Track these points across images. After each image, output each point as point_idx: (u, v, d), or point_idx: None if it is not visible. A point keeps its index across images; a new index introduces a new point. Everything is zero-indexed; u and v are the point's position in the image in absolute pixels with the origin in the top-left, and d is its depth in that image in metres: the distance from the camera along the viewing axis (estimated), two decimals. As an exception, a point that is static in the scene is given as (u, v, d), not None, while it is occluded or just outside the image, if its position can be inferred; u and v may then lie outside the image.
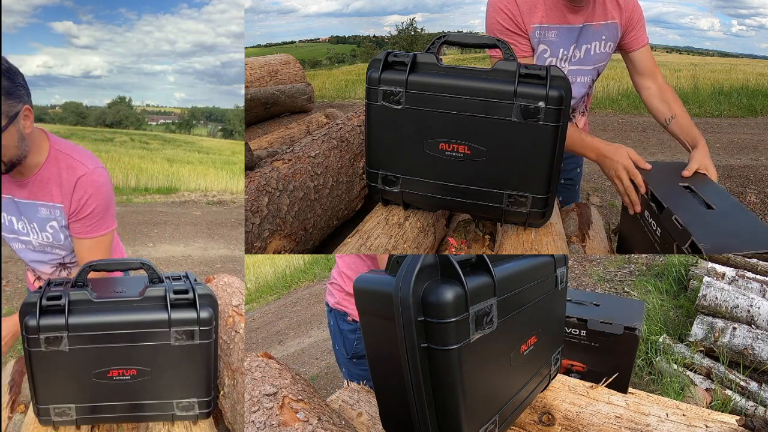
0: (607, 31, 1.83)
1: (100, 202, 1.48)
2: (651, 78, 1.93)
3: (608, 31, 1.83)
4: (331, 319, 1.81)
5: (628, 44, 1.90)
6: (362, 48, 34.64)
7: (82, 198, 1.45)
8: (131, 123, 37.45)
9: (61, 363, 1.10)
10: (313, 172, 1.51)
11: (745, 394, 2.59)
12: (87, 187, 1.45)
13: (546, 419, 1.14)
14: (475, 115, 1.25)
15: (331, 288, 1.80)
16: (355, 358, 1.72)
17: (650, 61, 1.93)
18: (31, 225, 1.54)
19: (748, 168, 5.83)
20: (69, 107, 40.18)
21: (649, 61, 1.92)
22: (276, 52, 3.88)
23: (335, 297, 1.76)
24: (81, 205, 1.46)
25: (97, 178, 1.46)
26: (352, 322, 1.71)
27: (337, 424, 1.08)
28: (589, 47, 1.83)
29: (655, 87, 1.92)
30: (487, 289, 0.82)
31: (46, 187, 1.47)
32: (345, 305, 1.73)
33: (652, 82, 1.93)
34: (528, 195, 1.30)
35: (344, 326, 1.73)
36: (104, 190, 1.48)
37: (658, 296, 3.55)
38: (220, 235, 7.04)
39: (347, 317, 1.72)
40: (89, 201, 1.46)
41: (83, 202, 1.46)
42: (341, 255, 1.64)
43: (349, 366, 1.75)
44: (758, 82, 11.00)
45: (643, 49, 1.91)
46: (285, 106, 3.01)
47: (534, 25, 1.72)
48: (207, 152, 17.24)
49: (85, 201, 1.46)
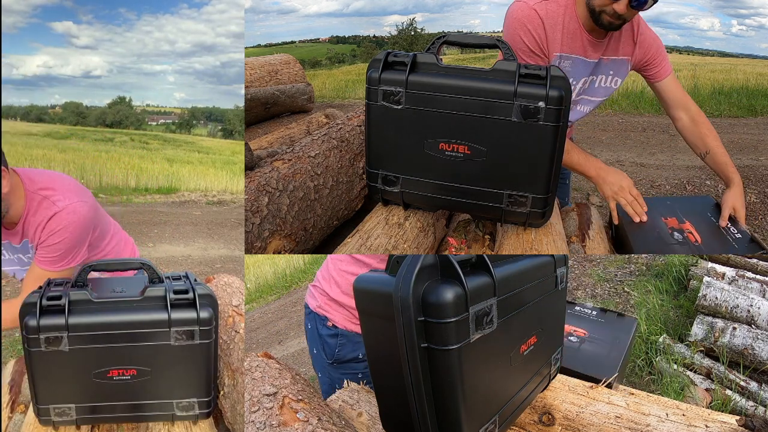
0: (615, 67, 1.83)
1: (68, 237, 1.45)
2: (683, 109, 1.91)
3: (617, 67, 1.83)
4: (309, 322, 1.76)
5: (653, 76, 1.90)
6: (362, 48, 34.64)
7: (53, 230, 1.43)
8: (131, 123, 37.45)
9: (61, 363, 1.10)
10: (313, 172, 1.51)
11: (745, 394, 2.59)
12: (60, 221, 1.43)
13: (546, 419, 1.14)
14: (475, 115, 1.25)
15: (313, 290, 1.76)
16: (336, 363, 1.69)
17: (679, 92, 1.91)
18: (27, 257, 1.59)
19: (748, 168, 5.82)
20: (69, 107, 40.20)
21: (677, 91, 1.91)
22: (276, 52, 3.88)
23: (317, 300, 1.73)
24: (49, 235, 1.44)
25: (70, 215, 1.44)
26: (332, 327, 1.67)
27: (337, 424, 1.08)
28: (596, 79, 1.84)
29: (687, 118, 1.90)
30: (487, 289, 0.82)
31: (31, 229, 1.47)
32: (326, 310, 1.68)
33: (683, 112, 1.91)
34: (528, 195, 1.30)
35: (323, 331, 1.69)
36: (76, 226, 1.45)
37: (658, 296, 3.55)
38: (220, 235, 7.04)
39: (327, 322, 1.67)
40: (58, 233, 1.44)
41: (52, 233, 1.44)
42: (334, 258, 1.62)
43: (329, 371, 1.70)
44: (758, 82, 11.00)
45: (667, 80, 1.89)
46: (285, 106, 3.01)
47: (556, 54, 1.71)
48: (207, 152, 17.24)
49: (53, 232, 1.44)
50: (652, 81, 1.91)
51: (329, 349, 1.69)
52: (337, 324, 1.65)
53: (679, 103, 1.91)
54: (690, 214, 1.77)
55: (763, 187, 5.23)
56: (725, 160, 1.84)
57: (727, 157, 1.85)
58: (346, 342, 1.65)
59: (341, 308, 1.65)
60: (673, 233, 1.68)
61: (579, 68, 1.77)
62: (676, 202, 1.86)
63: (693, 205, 1.84)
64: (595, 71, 1.81)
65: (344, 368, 1.68)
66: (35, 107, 41.96)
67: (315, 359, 1.78)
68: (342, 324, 1.65)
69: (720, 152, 1.85)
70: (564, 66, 1.74)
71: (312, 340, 1.77)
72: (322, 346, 1.71)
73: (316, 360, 1.77)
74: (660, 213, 1.78)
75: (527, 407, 1.12)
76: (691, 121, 1.89)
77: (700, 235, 1.67)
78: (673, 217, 1.76)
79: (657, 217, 1.77)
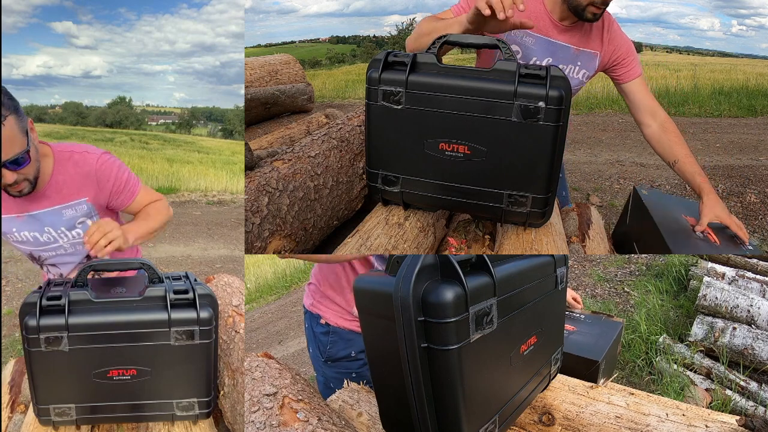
0: (584, 58, 1.78)
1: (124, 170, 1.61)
2: (650, 114, 1.83)
3: (585, 59, 1.78)
4: (306, 321, 1.78)
5: (620, 77, 1.84)
6: (362, 48, 34.64)
7: (110, 177, 1.56)
8: (131, 123, 37.44)
9: (61, 363, 1.10)
10: (313, 172, 1.51)
11: (745, 394, 2.59)
12: (106, 166, 1.55)
13: (546, 419, 1.14)
14: (475, 115, 1.25)
15: (308, 289, 1.78)
16: (330, 361, 1.70)
17: (647, 96, 1.84)
18: (59, 231, 1.58)
19: (748, 168, 5.82)
20: (69, 107, 40.21)
21: (645, 96, 1.84)
22: (276, 52, 3.88)
23: (311, 299, 1.74)
24: (113, 182, 1.57)
25: (108, 157, 1.58)
26: (324, 324, 1.68)
27: (337, 424, 1.08)
28: (564, 68, 1.77)
29: (656, 125, 1.83)
30: (487, 289, 0.82)
31: (64, 189, 1.53)
32: (319, 308, 1.69)
33: (651, 118, 1.83)
34: (528, 195, 1.30)
35: (317, 329, 1.70)
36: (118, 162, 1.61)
37: (658, 296, 3.55)
38: (220, 235, 7.03)
39: (320, 320, 1.68)
40: (118, 174, 1.58)
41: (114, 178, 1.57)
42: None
43: (324, 369, 1.71)
44: (758, 82, 11.00)
45: (635, 81, 1.83)
46: (285, 106, 3.01)
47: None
48: (207, 152, 17.23)
49: (115, 177, 1.57)
50: (619, 82, 1.85)
51: (322, 347, 1.70)
52: (329, 321, 1.66)
53: (646, 107, 1.83)
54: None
55: (763, 187, 5.22)
56: (694, 169, 1.76)
57: (696, 165, 1.77)
58: (338, 339, 1.66)
59: (332, 304, 1.66)
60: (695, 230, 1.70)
61: (542, 46, 1.72)
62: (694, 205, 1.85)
63: None
64: (563, 58, 1.76)
65: (338, 367, 1.68)
66: (35, 107, 41.94)
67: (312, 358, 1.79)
68: (333, 321, 1.66)
69: (689, 161, 1.77)
70: (526, 41, 1.71)
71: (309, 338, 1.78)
72: (317, 344, 1.72)
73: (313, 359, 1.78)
74: (682, 211, 1.81)
75: (527, 407, 1.13)
76: (660, 128, 1.82)
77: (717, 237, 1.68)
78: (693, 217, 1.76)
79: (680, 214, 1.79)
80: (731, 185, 5.31)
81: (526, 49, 1.73)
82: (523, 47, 1.73)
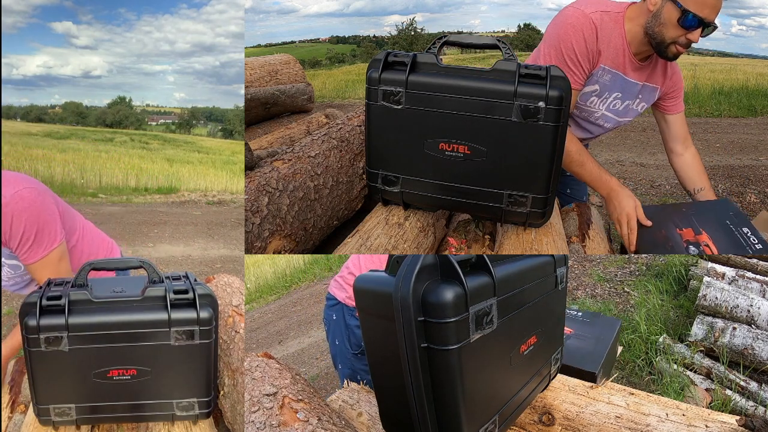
0: (646, 92, 1.86)
1: (26, 225, 1.41)
2: (683, 144, 1.97)
3: (647, 93, 1.86)
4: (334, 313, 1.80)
5: (667, 108, 1.94)
6: (362, 48, 34.63)
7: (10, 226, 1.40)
8: (131, 123, 37.47)
9: (61, 363, 1.10)
10: (313, 172, 1.51)
11: (745, 394, 2.59)
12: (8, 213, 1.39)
13: (546, 419, 1.14)
14: (475, 115, 1.25)
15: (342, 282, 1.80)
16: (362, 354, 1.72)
17: (685, 128, 1.97)
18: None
19: (748, 168, 5.83)
20: (69, 107, 40.23)
21: (684, 127, 1.97)
22: (276, 52, 3.88)
23: (347, 291, 1.76)
24: (10, 233, 1.41)
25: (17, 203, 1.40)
26: None
27: (337, 424, 1.08)
28: (630, 103, 1.87)
29: (688, 155, 1.97)
30: (487, 289, 0.82)
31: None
32: None
33: (684, 149, 1.97)
34: (528, 195, 1.30)
35: (351, 321, 1.73)
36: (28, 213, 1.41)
37: (658, 296, 3.54)
38: (220, 235, 7.03)
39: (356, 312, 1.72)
40: (14, 227, 1.40)
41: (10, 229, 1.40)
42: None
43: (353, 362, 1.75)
44: (758, 82, 11.00)
45: (679, 115, 1.95)
46: (285, 106, 3.01)
47: (602, 65, 1.72)
48: (207, 152, 17.24)
49: (10, 229, 1.40)
50: (665, 113, 1.95)
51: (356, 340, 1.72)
52: None
53: (684, 138, 1.96)
54: (707, 222, 1.69)
55: (763, 187, 5.22)
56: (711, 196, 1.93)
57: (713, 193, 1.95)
58: None
59: None
60: (688, 247, 1.61)
61: (617, 84, 1.79)
62: (692, 208, 1.78)
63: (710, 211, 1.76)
64: (631, 93, 1.84)
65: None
66: (35, 107, 42.02)
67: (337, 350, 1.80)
68: None
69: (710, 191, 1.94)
70: (604, 79, 1.76)
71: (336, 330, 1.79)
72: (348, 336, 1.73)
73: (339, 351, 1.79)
74: (675, 224, 1.70)
75: (527, 407, 1.12)
76: (691, 157, 1.96)
77: (716, 246, 1.60)
78: (689, 227, 1.67)
79: (672, 229, 1.68)
80: (731, 185, 5.31)
81: (603, 87, 1.80)
82: (601, 86, 1.80)
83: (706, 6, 1.53)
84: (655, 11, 1.60)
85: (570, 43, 1.64)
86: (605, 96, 1.82)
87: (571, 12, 1.65)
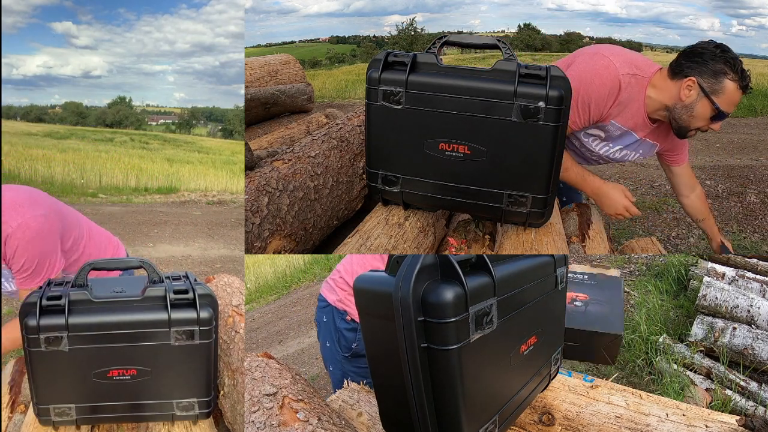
0: (645, 147, 1.92)
1: (28, 256, 1.44)
2: (690, 189, 2.11)
3: (646, 147, 1.92)
4: (324, 315, 1.79)
5: (671, 161, 2.04)
6: (362, 48, 34.61)
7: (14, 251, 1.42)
8: (131, 123, 37.46)
9: (61, 363, 1.10)
10: (313, 172, 1.51)
11: (745, 394, 2.59)
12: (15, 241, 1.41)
13: (546, 419, 1.14)
14: (475, 115, 1.25)
15: (332, 284, 1.79)
16: (352, 357, 1.73)
17: (690, 177, 2.10)
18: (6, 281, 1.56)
19: (748, 168, 5.82)
20: (69, 107, 40.22)
21: (689, 177, 2.09)
22: (276, 52, 3.89)
23: (337, 294, 1.76)
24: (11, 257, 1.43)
25: (25, 232, 1.42)
26: (350, 321, 1.71)
27: (337, 424, 1.08)
28: (628, 153, 1.94)
29: (694, 196, 2.11)
30: (487, 289, 0.82)
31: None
32: (347, 304, 1.73)
33: (690, 192, 2.11)
34: (528, 195, 1.30)
35: (341, 324, 1.73)
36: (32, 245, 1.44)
37: (658, 296, 3.54)
38: (220, 235, 7.03)
39: (346, 316, 1.72)
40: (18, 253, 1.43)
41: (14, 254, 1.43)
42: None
43: (343, 364, 1.74)
44: (758, 82, 10.98)
45: (684, 166, 2.06)
46: (285, 106, 3.01)
47: (612, 121, 1.78)
48: (207, 152, 17.24)
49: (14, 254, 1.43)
50: (669, 165, 2.05)
51: (346, 343, 1.72)
52: (357, 319, 1.67)
53: (689, 186, 2.10)
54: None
55: (763, 187, 5.22)
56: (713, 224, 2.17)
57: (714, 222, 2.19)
58: None
59: None
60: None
61: (624, 138, 1.85)
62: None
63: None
64: (633, 147, 1.91)
65: (359, 362, 1.72)
66: (35, 107, 41.99)
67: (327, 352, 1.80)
68: None
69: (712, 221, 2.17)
70: (612, 130, 1.82)
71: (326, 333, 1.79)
72: (338, 339, 1.73)
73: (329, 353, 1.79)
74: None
75: (527, 407, 1.12)
76: (696, 198, 2.11)
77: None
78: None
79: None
80: (731, 185, 5.31)
81: (609, 136, 1.87)
82: (607, 134, 1.86)
83: (733, 105, 1.68)
84: (688, 103, 1.68)
85: (590, 90, 1.69)
86: (609, 144, 1.89)
87: (605, 64, 1.70)
